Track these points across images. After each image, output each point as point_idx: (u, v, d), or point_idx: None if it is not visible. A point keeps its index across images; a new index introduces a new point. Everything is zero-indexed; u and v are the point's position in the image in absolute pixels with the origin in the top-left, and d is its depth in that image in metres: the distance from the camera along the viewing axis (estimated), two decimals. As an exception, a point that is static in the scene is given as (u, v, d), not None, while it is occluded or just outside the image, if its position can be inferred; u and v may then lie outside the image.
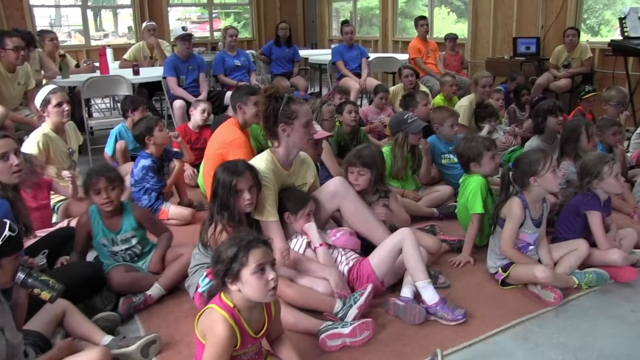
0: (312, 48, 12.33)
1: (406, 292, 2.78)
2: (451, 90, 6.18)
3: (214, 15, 13.25)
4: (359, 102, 7.64)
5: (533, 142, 4.50)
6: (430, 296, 2.67)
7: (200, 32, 13.08)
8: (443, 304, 2.66)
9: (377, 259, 2.82)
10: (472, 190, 3.36)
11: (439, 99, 6.22)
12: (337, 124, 4.78)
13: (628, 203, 3.95)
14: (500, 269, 3.01)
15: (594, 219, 3.14)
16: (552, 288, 2.85)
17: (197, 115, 5.12)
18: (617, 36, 6.86)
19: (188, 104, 5.79)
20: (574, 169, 3.76)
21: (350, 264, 2.87)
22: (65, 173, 3.55)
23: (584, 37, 8.34)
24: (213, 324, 1.88)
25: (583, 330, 2.61)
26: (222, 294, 1.95)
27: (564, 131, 4.07)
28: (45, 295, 2.07)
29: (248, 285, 1.88)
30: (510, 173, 3.04)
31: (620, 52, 6.71)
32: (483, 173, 3.42)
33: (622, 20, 6.80)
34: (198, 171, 4.59)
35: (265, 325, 2.04)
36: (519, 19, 8.61)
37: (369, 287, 2.66)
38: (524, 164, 2.97)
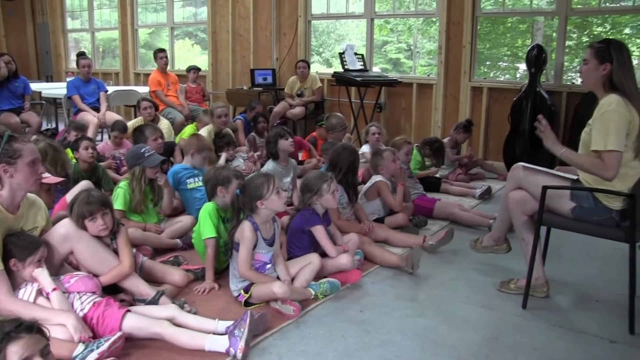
0: (47, 81, 11.56)
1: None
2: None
3: None
4: (98, 137, 7.36)
5: (269, 166, 4.70)
6: (220, 344, 2.55)
7: None
8: (232, 340, 2.54)
9: (134, 328, 2.64)
10: (202, 216, 3.40)
11: (191, 128, 6.26)
12: (74, 161, 4.55)
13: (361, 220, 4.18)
14: (242, 291, 3.09)
15: (319, 233, 3.43)
16: (291, 302, 3.00)
17: None
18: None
19: None
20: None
21: (87, 308, 2.68)
22: None
23: (320, 69, 9.12)
24: None
25: (320, 336, 2.82)
26: None
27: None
28: None
29: None
30: (239, 198, 3.15)
31: (342, 83, 7.46)
32: (223, 202, 3.46)
33: (341, 55, 7.61)
34: None
35: None
36: (256, 51, 9.09)
37: (118, 335, 2.49)
38: (250, 189, 3.08)
